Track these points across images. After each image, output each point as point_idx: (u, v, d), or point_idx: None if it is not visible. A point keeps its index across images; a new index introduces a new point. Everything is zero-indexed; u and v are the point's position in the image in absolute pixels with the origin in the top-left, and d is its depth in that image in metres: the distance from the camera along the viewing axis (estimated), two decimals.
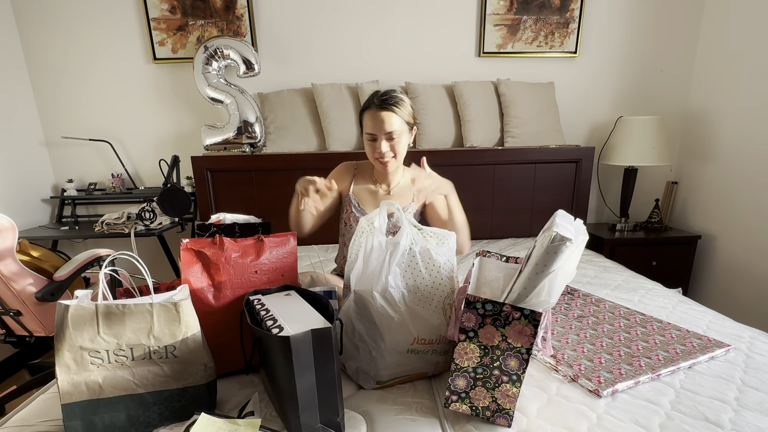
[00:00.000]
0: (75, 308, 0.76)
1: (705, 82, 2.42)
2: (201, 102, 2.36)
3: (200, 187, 2.20)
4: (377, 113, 1.24)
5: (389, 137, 1.25)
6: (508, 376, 0.81)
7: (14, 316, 1.58)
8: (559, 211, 0.89)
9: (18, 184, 2.27)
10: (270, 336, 0.77)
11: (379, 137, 1.25)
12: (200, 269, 0.97)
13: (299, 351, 0.74)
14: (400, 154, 1.29)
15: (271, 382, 0.87)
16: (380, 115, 1.23)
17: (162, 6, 2.26)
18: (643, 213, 2.63)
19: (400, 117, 1.25)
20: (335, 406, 0.80)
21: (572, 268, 0.81)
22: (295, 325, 0.79)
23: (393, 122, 1.24)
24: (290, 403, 0.77)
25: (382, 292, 0.93)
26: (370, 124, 1.26)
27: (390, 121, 1.23)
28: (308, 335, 0.75)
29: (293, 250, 1.07)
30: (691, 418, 0.85)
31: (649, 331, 1.18)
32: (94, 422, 0.79)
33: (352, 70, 2.41)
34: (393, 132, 1.24)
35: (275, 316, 0.85)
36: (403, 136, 1.28)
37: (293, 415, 0.77)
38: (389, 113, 1.23)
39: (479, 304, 0.79)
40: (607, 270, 1.84)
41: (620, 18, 2.41)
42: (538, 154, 2.26)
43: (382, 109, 1.23)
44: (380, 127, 1.24)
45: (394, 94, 1.26)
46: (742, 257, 2.21)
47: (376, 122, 1.24)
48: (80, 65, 2.32)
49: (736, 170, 2.23)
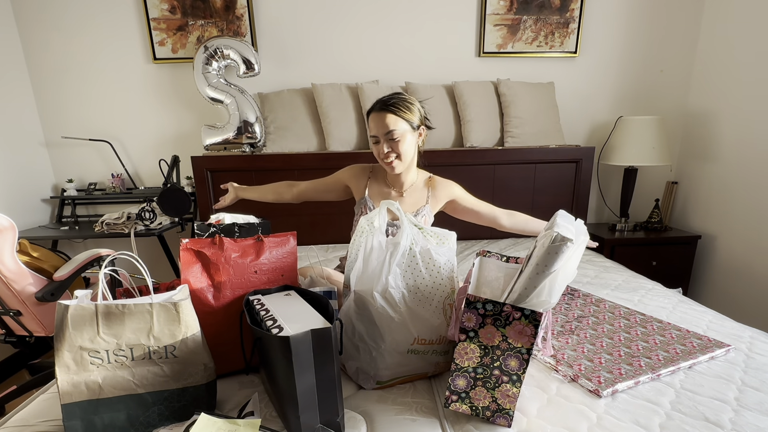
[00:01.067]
0: (75, 308, 0.76)
1: (705, 82, 2.42)
2: (201, 102, 2.36)
3: (200, 187, 2.20)
4: (377, 114, 1.28)
5: (389, 137, 1.27)
6: (508, 376, 0.81)
7: (14, 316, 1.58)
8: (559, 212, 0.89)
9: (18, 184, 2.27)
10: (270, 336, 0.77)
11: (380, 138, 1.28)
12: (200, 269, 0.97)
13: (299, 351, 0.74)
14: (404, 155, 1.29)
15: (270, 382, 0.87)
16: (380, 117, 1.27)
17: (162, 6, 2.26)
18: (643, 213, 2.63)
19: (400, 118, 1.26)
20: (335, 406, 0.80)
21: (573, 268, 0.81)
22: (295, 325, 0.79)
23: (391, 123, 1.25)
24: (290, 403, 0.77)
25: (383, 292, 0.93)
26: (372, 126, 1.30)
27: (388, 121, 1.25)
28: (308, 335, 0.75)
29: (293, 250, 1.07)
30: (691, 418, 0.85)
31: (649, 331, 1.18)
32: (93, 422, 0.79)
33: (352, 70, 2.41)
34: (392, 132, 1.25)
35: (275, 316, 0.84)
36: (406, 136, 1.28)
37: (293, 415, 0.77)
38: (388, 114, 1.26)
39: (480, 304, 0.79)
40: (607, 270, 1.84)
41: (620, 18, 2.41)
42: (538, 154, 2.26)
43: (382, 110, 1.27)
44: (380, 128, 1.27)
45: (397, 96, 1.29)
46: (742, 257, 2.21)
47: (376, 123, 1.28)
48: (80, 65, 2.32)
49: (736, 170, 2.23)
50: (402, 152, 1.29)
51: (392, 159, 1.29)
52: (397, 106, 1.26)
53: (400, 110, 1.26)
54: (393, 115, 1.26)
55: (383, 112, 1.26)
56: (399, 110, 1.26)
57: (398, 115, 1.26)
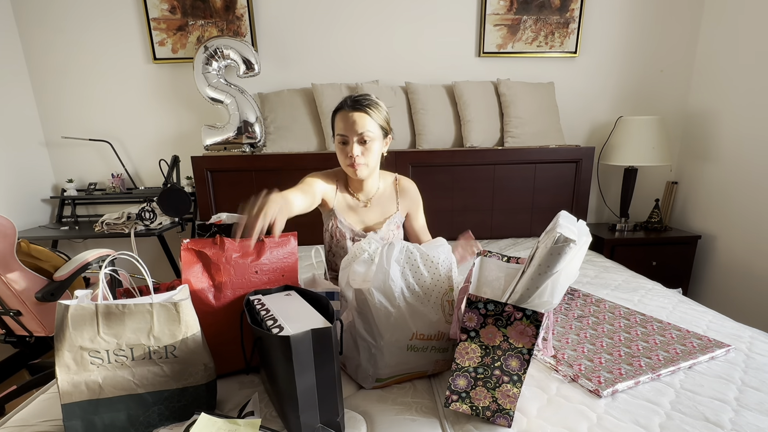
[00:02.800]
0: (75, 308, 0.76)
1: (705, 82, 2.42)
2: (201, 102, 2.36)
3: (200, 187, 2.20)
4: (349, 114, 1.19)
5: (361, 139, 1.20)
6: (508, 377, 0.81)
7: (14, 316, 1.58)
8: (562, 212, 0.89)
9: (18, 184, 2.27)
10: (270, 336, 0.77)
11: (350, 139, 1.21)
12: (201, 269, 0.97)
13: (299, 351, 0.74)
14: (373, 158, 1.24)
15: (271, 382, 0.87)
16: (352, 116, 1.19)
17: (162, 6, 2.26)
18: (643, 213, 2.63)
19: (373, 120, 1.21)
20: (335, 405, 0.80)
21: (575, 269, 0.81)
22: (296, 325, 0.79)
23: (365, 123, 1.19)
24: (290, 403, 0.77)
25: (381, 288, 0.93)
26: (342, 125, 1.21)
27: (362, 122, 1.19)
28: (308, 335, 0.74)
29: (294, 251, 1.07)
30: (691, 418, 0.85)
31: (649, 331, 1.18)
32: (94, 422, 0.79)
33: (352, 70, 2.41)
34: (365, 133, 1.19)
35: (275, 315, 0.84)
36: (376, 141, 1.23)
37: (293, 415, 0.77)
38: (361, 114, 1.19)
39: (481, 304, 0.79)
40: (607, 270, 1.84)
41: (620, 18, 2.41)
42: (538, 154, 2.26)
43: (355, 109, 1.19)
44: (351, 128, 1.19)
45: (368, 97, 1.23)
46: (742, 257, 2.21)
47: (347, 123, 1.20)
48: (80, 65, 2.32)
49: (736, 170, 2.23)
50: (371, 155, 1.23)
51: (361, 162, 1.22)
52: (371, 108, 1.20)
53: (374, 112, 1.21)
54: (367, 115, 1.19)
55: (358, 111, 1.19)
56: (373, 112, 1.20)
57: (372, 117, 1.20)
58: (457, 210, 2.29)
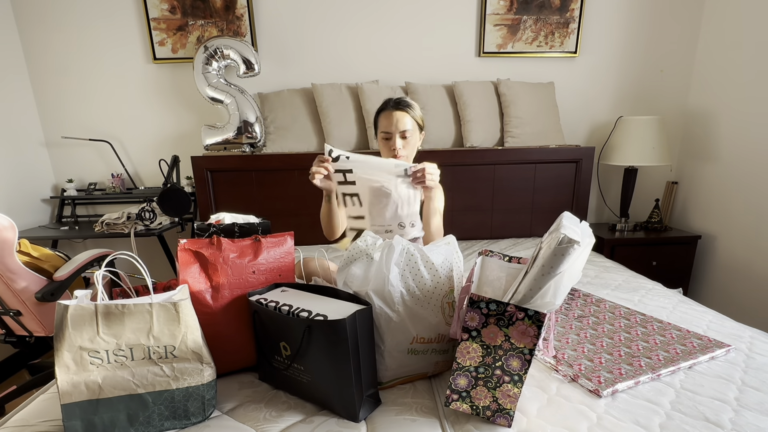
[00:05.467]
0: (74, 308, 0.76)
1: (705, 82, 2.42)
2: (201, 102, 2.36)
3: (200, 187, 2.19)
4: (392, 113, 1.40)
5: (403, 135, 1.40)
6: (509, 376, 0.81)
7: (14, 316, 1.57)
8: (565, 213, 0.88)
9: (18, 184, 2.27)
10: (321, 322, 0.83)
11: (393, 135, 1.40)
12: (198, 270, 0.97)
13: (351, 331, 0.81)
14: (412, 151, 1.45)
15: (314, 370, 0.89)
16: (395, 115, 1.39)
17: (162, 6, 2.26)
18: (643, 213, 2.63)
19: (412, 118, 1.41)
20: (374, 378, 0.90)
21: (578, 270, 0.81)
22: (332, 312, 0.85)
23: (406, 122, 1.40)
24: (341, 382, 0.83)
25: (381, 292, 0.93)
26: (386, 123, 1.41)
27: (403, 120, 1.39)
28: (354, 317, 0.82)
29: (290, 250, 1.07)
30: (691, 418, 0.85)
31: (649, 331, 1.18)
32: (93, 422, 0.79)
33: (352, 70, 2.40)
34: (407, 131, 1.40)
35: (305, 308, 0.88)
36: (415, 135, 1.43)
37: (346, 392, 0.83)
38: (403, 113, 1.40)
39: (483, 303, 0.79)
40: (607, 270, 1.84)
41: (620, 18, 2.41)
42: (538, 154, 2.26)
43: (397, 109, 1.40)
44: (395, 125, 1.39)
45: (406, 99, 1.44)
46: (742, 257, 2.21)
47: (391, 121, 1.40)
48: (80, 65, 2.32)
49: (736, 170, 2.23)
50: (411, 148, 1.43)
51: (403, 154, 1.41)
52: (410, 108, 1.42)
53: (412, 111, 1.42)
54: (407, 114, 1.40)
55: (399, 111, 1.40)
56: (411, 111, 1.41)
57: (411, 116, 1.41)
58: (457, 210, 2.29)
